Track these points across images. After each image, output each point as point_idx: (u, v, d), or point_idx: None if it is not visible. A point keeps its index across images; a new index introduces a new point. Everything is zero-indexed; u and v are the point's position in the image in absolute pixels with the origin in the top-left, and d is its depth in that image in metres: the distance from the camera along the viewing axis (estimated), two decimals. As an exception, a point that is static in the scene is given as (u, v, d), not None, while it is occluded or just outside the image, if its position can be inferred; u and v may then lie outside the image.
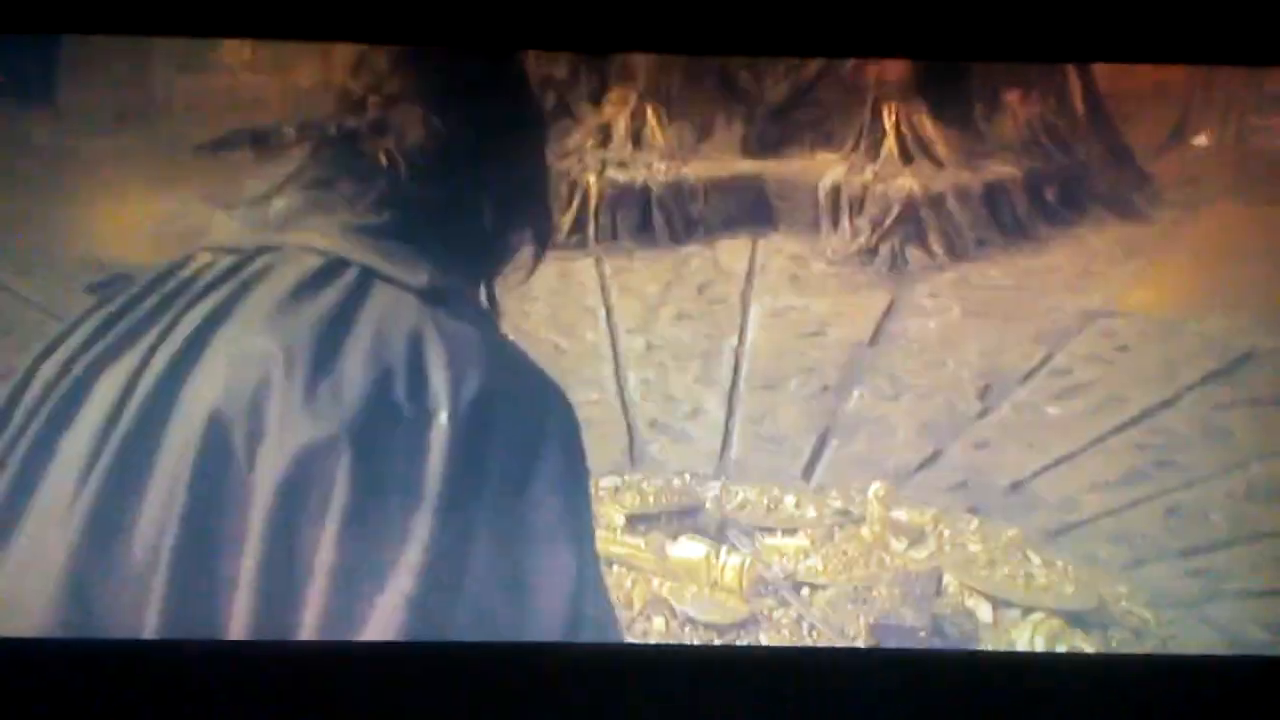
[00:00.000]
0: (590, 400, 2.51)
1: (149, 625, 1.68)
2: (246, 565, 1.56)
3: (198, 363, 1.69)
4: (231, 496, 1.60)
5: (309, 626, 1.55)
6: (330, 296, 1.73)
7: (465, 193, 1.87)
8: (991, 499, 2.66)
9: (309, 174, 1.85)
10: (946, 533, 2.58)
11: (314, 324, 1.68)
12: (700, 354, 2.59)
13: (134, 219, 2.19)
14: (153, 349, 1.72)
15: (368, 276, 1.77)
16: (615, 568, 2.51)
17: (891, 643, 2.27)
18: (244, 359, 1.66)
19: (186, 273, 1.79)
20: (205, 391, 1.62)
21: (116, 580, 1.64)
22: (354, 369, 1.64)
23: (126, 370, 1.72)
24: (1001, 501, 2.65)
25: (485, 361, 1.68)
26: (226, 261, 1.81)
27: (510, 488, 1.62)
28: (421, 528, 1.55)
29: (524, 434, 1.67)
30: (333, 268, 1.79)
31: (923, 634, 2.27)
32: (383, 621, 1.53)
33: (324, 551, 1.53)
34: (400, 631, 1.53)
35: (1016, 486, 2.66)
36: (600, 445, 2.67)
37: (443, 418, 1.61)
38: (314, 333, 1.67)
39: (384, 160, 1.84)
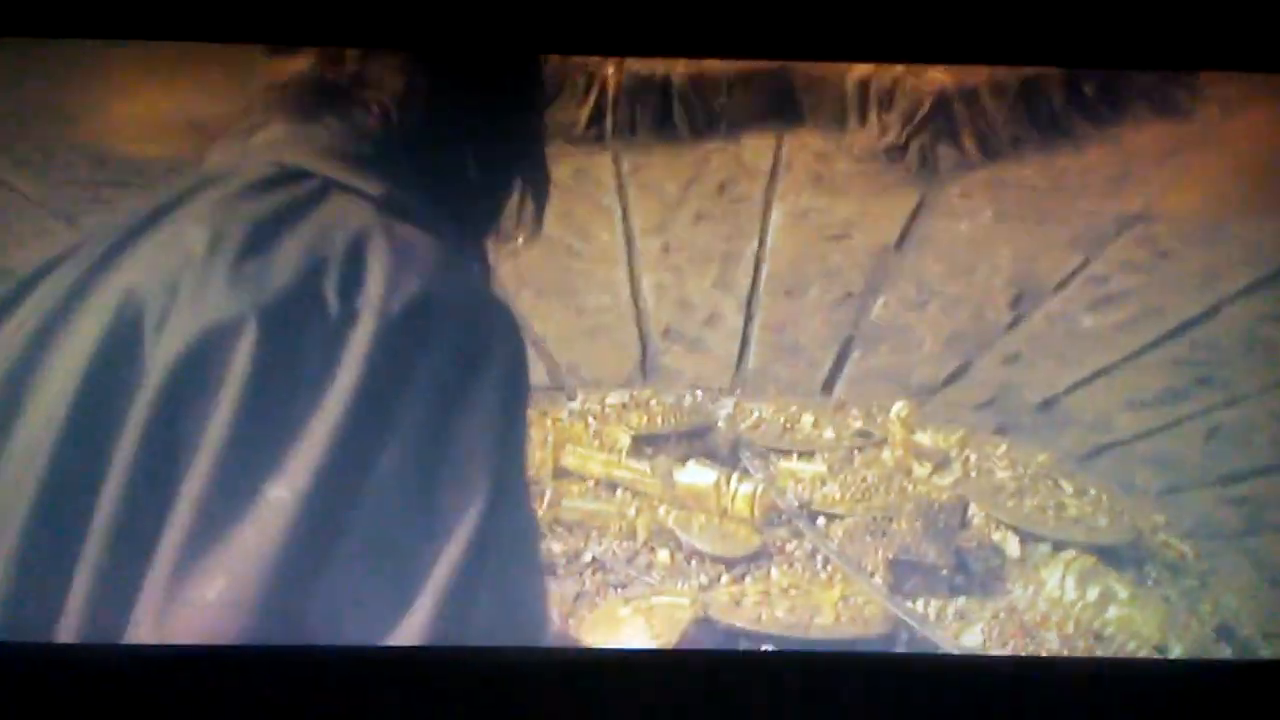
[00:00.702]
0: (602, 306, 2.43)
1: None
2: (123, 448, 1.39)
3: (128, 250, 1.51)
4: (129, 380, 1.43)
5: (183, 517, 1.37)
6: (280, 196, 1.55)
7: (449, 146, 1.66)
8: (1021, 418, 2.51)
9: (292, 108, 1.65)
10: (973, 457, 2.43)
11: (255, 215, 1.50)
12: (719, 257, 2.44)
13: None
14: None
15: (328, 185, 1.58)
16: (619, 493, 2.36)
17: (912, 581, 2.13)
18: (172, 241, 1.48)
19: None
20: (126, 274, 1.45)
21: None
22: (286, 257, 1.46)
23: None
24: (1032, 421, 2.49)
25: (432, 273, 1.48)
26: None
27: (434, 404, 1.42)
28: (323, 426, 1.36)
29: (460, 350, 1.47)
30: (293, 175, 1.62)
31: (945, 572, 2.13)
32: (268, 517, 1.35)
33: (210, 439, 1.35)
34: (286, 524, 1.35)
35: (1048, 404, 2.50)
36: (610, 356, 2.52)
37: (369, 318, 1.41)
38: (252, 221, 1.49)
39: (373, 109, 1.64)
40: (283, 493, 1.39)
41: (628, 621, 1.97)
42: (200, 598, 1.34)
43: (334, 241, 1.52)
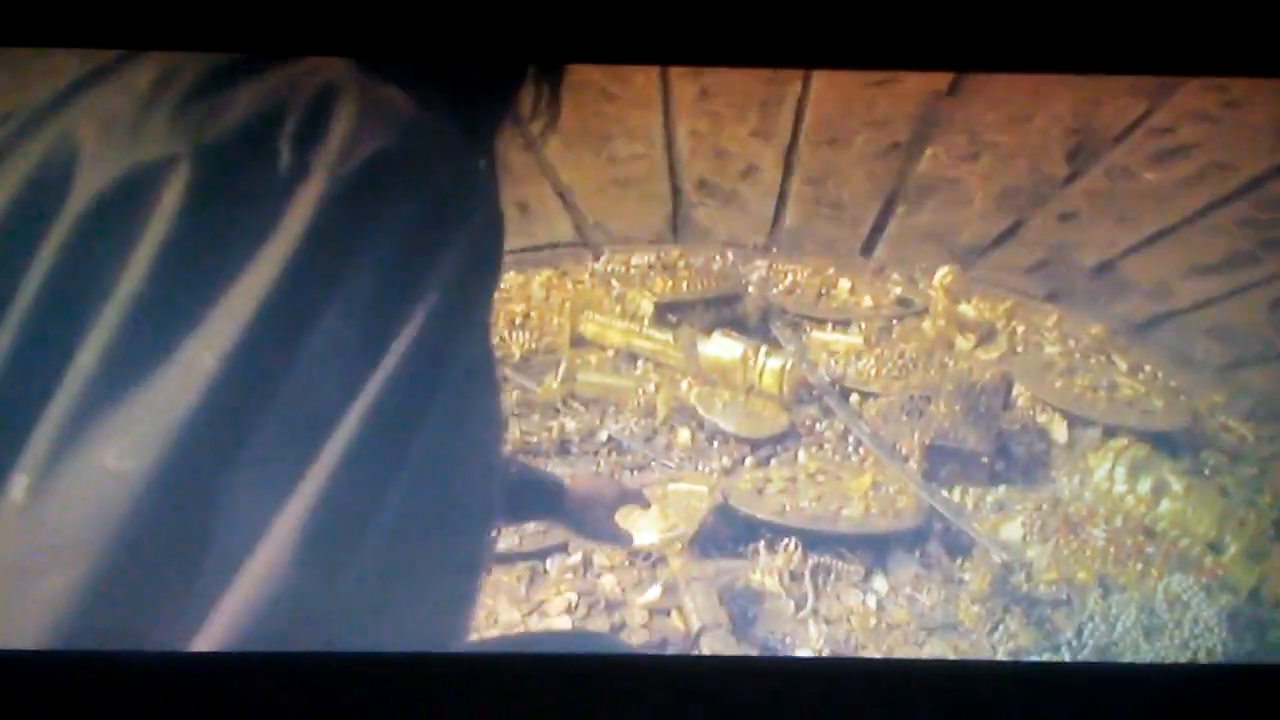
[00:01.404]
0: (634, 155, 2.31)
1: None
2: (25, 292, 1.21)
3: (74, 99, 1.33)
4: (50, 224, 1.26)
5: (83, 369, 1.18)
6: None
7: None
8: (1074, 283, 2.33)
9: None
10: (1020, 329, 2.26)
11: (216, 59, 1.32)
12: (758, 103, 2.26)
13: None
14: None
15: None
16: (640, 365, 2.21)
17: (948, 468, 1.98)
18: (120, 83, 1.30)
19: None
20: (66, 117, 1.27)
21: None
22: (241, 100, 1.27)
23: None
24: (1085, 287, 2.32)
25: (402, 131, 1.28)
26: None
27: (386, 276, 1.24)
28: (256, 285, 1.18)
29: (425, 220, 1.27)
30: None
31: (984, 459, 1.98)
32: (185, 380, 1.17)
33: (124, 287, 1.17)
34: (205, 389, 1.16)
35: (1103, 268, 2.32)
36: (640, 210, 2.37)
37: (322, 174, 1.22)
38: (211, 64, 1.30)
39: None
40: (204, 355, 1.19)
41: (641, 510, 1.83)
42: (96, 463, 1.15)
43: (299, 90, 1.32)
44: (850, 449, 2.04)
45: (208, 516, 1.15)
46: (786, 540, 1.84)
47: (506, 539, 1.78)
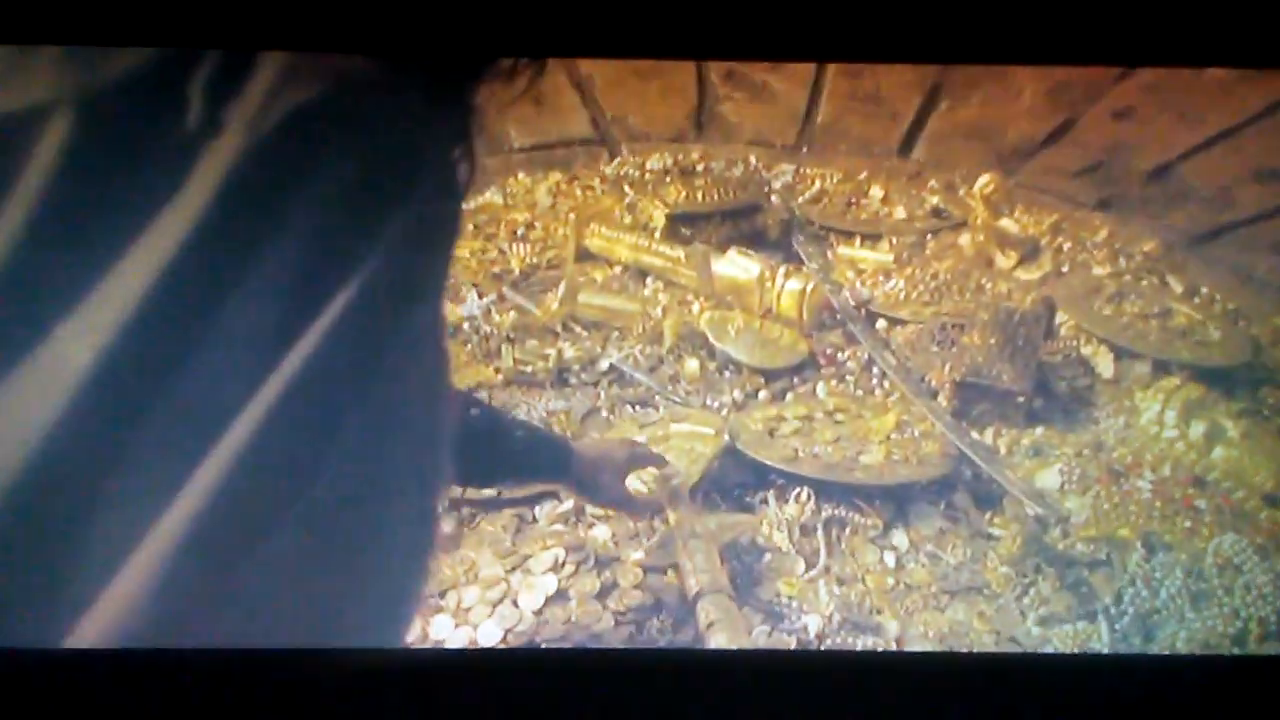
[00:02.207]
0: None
1: None
2: None
3: None
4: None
5: None
6: None
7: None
8: (1128, 189, 2.14)
9: None
10: (1066, 245, 2.07)
11: None
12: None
13: None
14: None
15: None
16: (649, 285, 2.03)
17: (981, 407, 1.81)
18: None
19: None
20: None
21: None
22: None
23: None
24: (1140, 193, 2.12)
25: (340, 81, 1.07)
26: None
27: (314, 249, 1.03)
28: (148, 261, 0.98)
29: (362, 178, 1.05)
30: None
31: (1021, 399, 1.80)
32: (55, 374, 0.98)
33: None
34: (80, 379, 0.97)
35: (1160, 172, 2.13)
36: (663, 103, 2.18)
37: (241, 130, 1.01)
38: None
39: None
40: (79, 343, 0.99)
41: (657, 469, 1.67)
42: None
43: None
44: (874, 382, 1.87)
45: (84, 521, 0.98)
46: (798, 490, 1.66)
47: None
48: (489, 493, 1.63)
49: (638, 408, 1.82)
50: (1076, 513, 1.66)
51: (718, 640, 1.45)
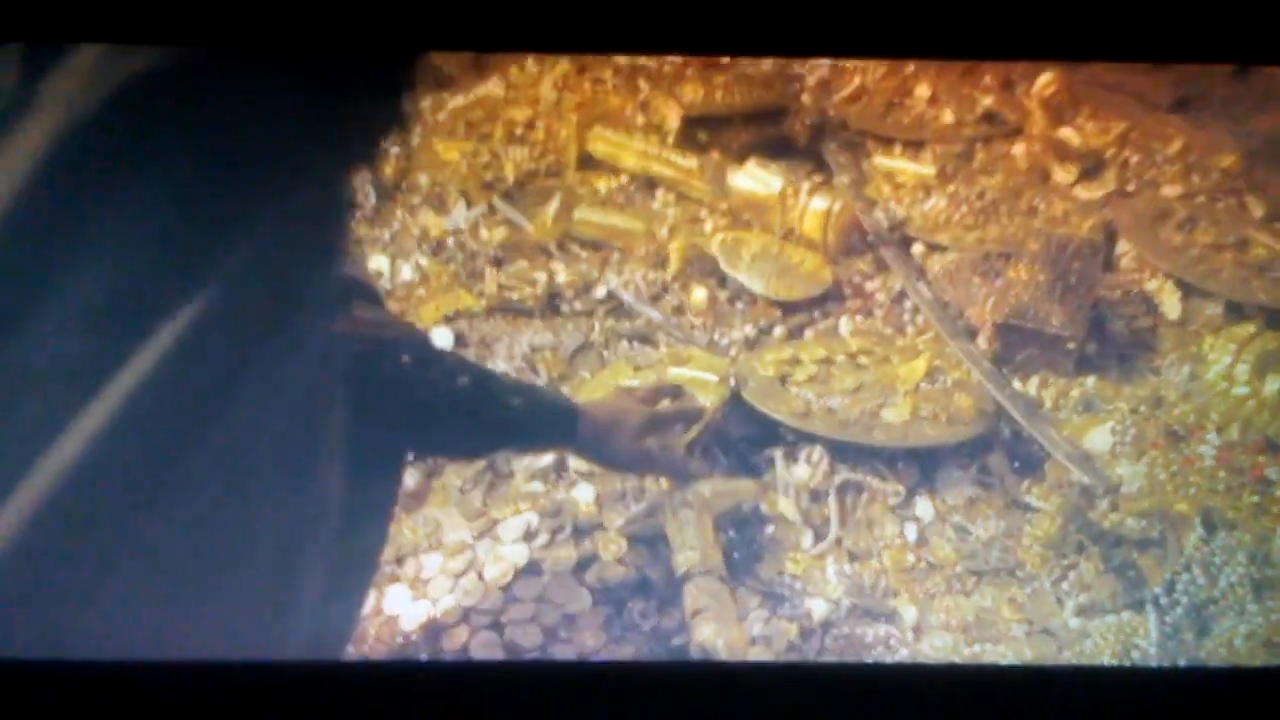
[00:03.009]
0: None
1: None
2: None
3: None
4: None
5: None
6: None
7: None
8: (1210, 86, 1.86)
9: None
10: (1134, 160, 1.81)
11: None
12: None
13: None
14: None
15: None
16: (658, 198, 1.81)
17: (1026, 353, 1.59)
18: None
19: None
20: None
21: None
22: None
23: None
24: (1223, 92, 1.85)
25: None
26: None
27: (155, 238, 0.91)
28: None
29: (208, 163, 0.93)
30: None
31: (1071, 345, 1.57)
32: None
33: None
34: None
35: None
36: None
37: (57, 109, 0.88)
38: None
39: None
40: None
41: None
42: None
43: None
44: (906, 319, 1.64)
45: None
46: (810, 449, 1.45)
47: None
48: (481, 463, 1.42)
49: (635, 344, 1.61)
50: (1128, 482, 1.45)
51: (704, 632, 1.27)
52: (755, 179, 1.74)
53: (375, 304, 1.28)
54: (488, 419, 1.27)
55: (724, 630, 1.27)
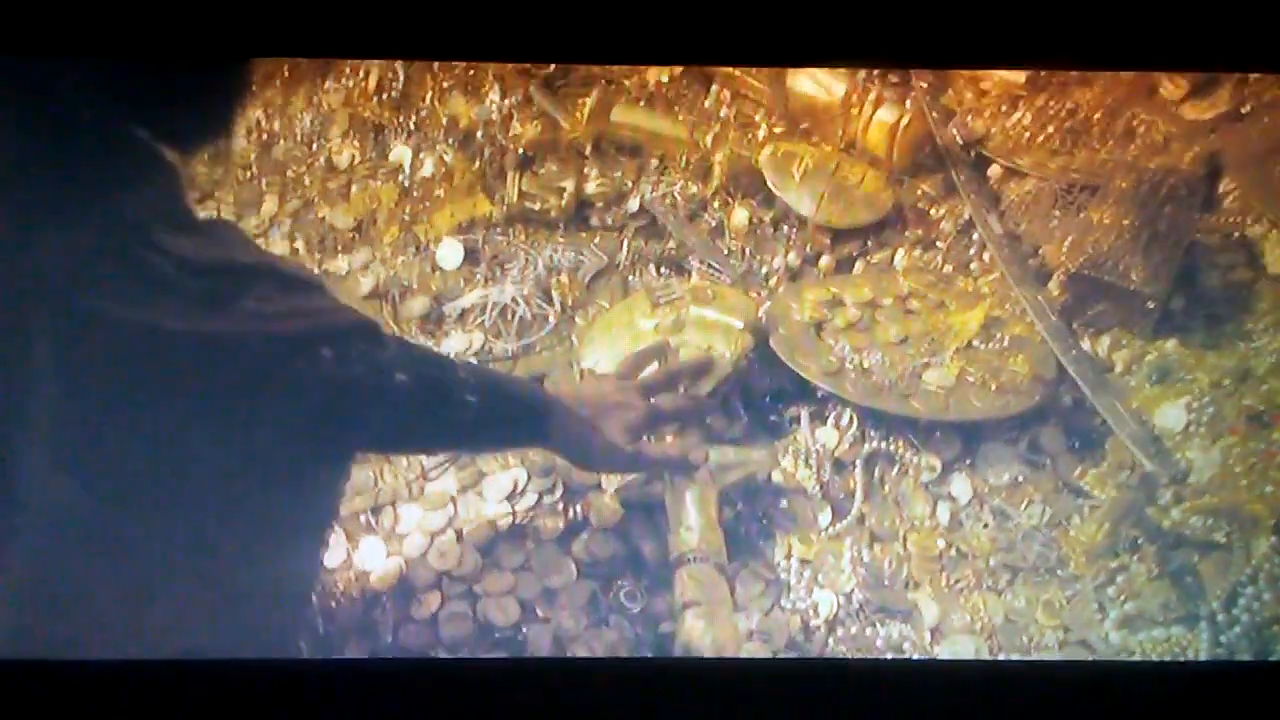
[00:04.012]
0: None
1: None
2: None
3: None
4: None
5: None
6: None
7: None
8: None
9: None
10: (1254, 75, 1.58)
11: None
12: None
13: None
14: None
15: None
16: (713, 91, 1.63)
17: (1100, 308, 1.41)
18: None
19: None
20: None
21: None
22: None
23: None
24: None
25: None
26: None
27: None
28: None
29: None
30: None
31: (1151, 304, 1.38)
32: None
33: None
34: None
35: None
36: None
37: None
38: None
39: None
40: None
41: (647, 336, 1.32)
42: None
43: None
44: (971, 253, 1.46)
45: None
46: (840, 410, 1.30)
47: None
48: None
49: (664, 270, 1.45)
50: (1197, 471, 1.28)
51: (693, 628, 1.14)
52: (817, 82, 1.54)
53: (317, 291, 1.14)
54: (441, 418, 1.13)
55: (714, 628, 1.15)
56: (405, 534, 1.26)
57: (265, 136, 1.57)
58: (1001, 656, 1.21)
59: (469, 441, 1.23)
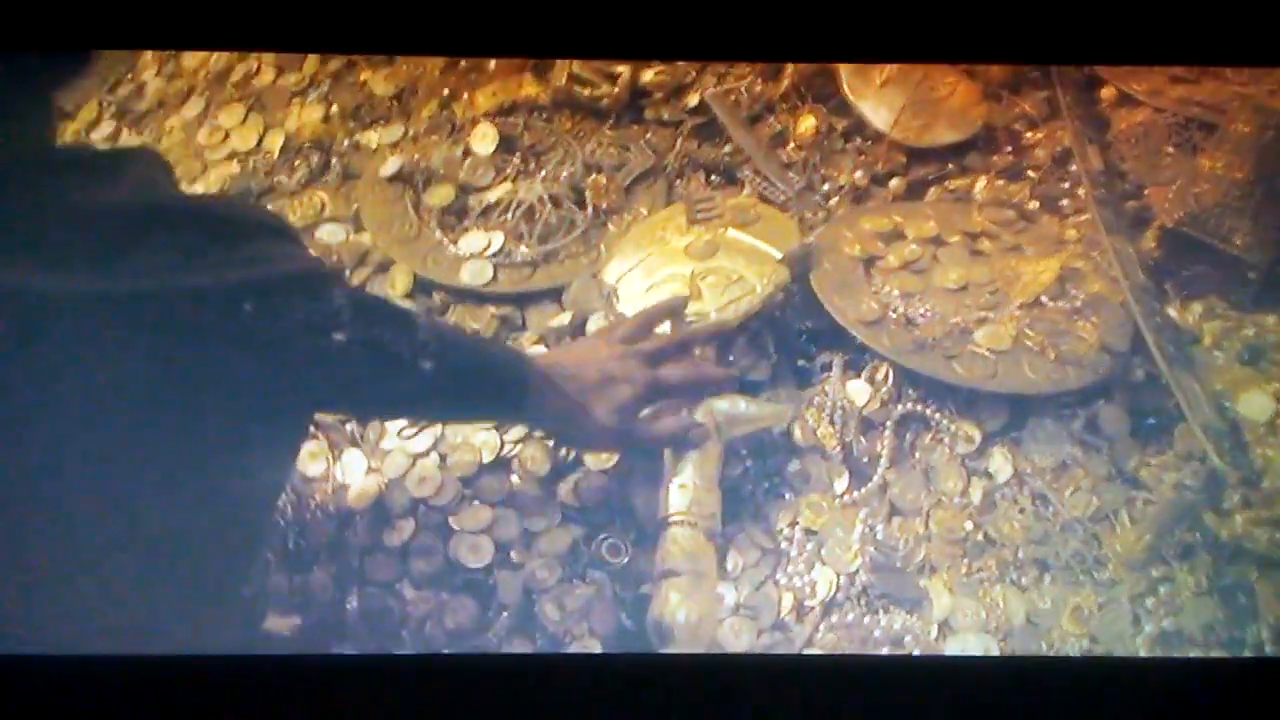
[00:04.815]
0: None
1: None
2: None
3: None
4: None
5: None
6: None
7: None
8: None
9: None
10: None
11: None
12: None
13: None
14: None
15: None
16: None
17: (1194, 270, 1.26)
18: None
19: None
20: None
21: None
22: None
23: None
24: None
25: None
26: None
27: None
28: None
29: None
30: None
31: (1253, 274, 1.22)
32: None
33: None
34: None
35: None
36: None
37: None
38: None
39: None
40: None
41: (676, 256, 1.21)
42: None
43: None
44: (1064, 188, 1.30)
45: None
46: (878, 363, 1.17)
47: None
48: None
49: (712, 178, 1.31)
50: (1272, 473, 1.12)
51: (667, 599, 1.04)
52: (914, -25, 1.37)
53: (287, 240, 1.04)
54: (390, 386, 1.02)
55: (691, 604, 1.05)
56: (389, 450, 1.17)
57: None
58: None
59: (426, 412, 1.12)
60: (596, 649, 1.08)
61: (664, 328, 1.17)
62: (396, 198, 1.32)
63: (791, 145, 1.34)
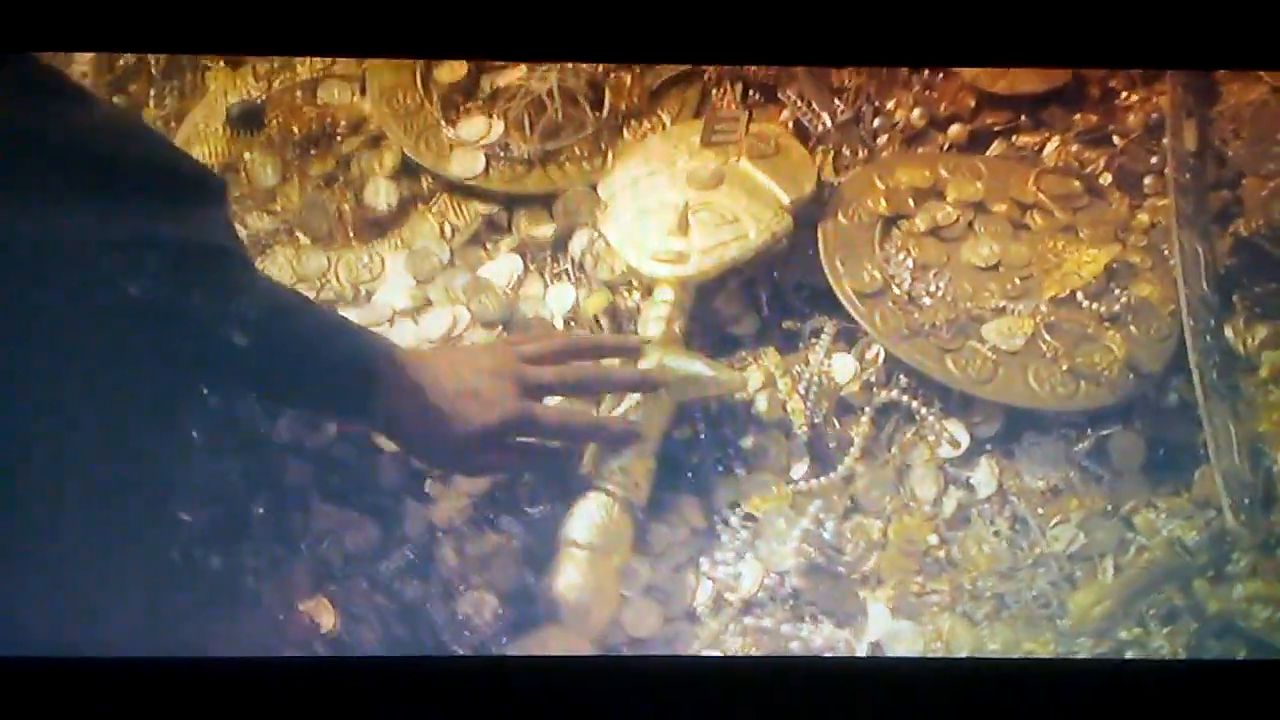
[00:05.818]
0: None
1: None
2: None
3: None
4: None
5: None
6: None
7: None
8: None
9: None
10: None
11: None
12: None
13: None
14: None
15: None
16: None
17: (1264, 286, 1.09)
18: None
19: None
20: None
21: None
22: None
23: None
24: None
25: None
26: None
27: None
28: None
29: None
30: None
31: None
32: None
33: None
34: None
35: None
36: None
37: None
38: None
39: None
40: None
41: (678, 179, 1.10)
42: None
43: None
44: (1152, 163, 1.14)
45: None
46: (870, 340, 1.05)
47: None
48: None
49: (751, 94, 1.19)
50: (1290, 542, 0.97)
51: (564, 577, 0.96)
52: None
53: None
54: (194, 355, 0.93)
55: (586, 583, 0.96)
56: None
57: None
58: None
59: (242, 396, 1.02)
60: (492, 602, 1.00)
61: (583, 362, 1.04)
62: (406, 64, 1.21)
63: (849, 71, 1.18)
